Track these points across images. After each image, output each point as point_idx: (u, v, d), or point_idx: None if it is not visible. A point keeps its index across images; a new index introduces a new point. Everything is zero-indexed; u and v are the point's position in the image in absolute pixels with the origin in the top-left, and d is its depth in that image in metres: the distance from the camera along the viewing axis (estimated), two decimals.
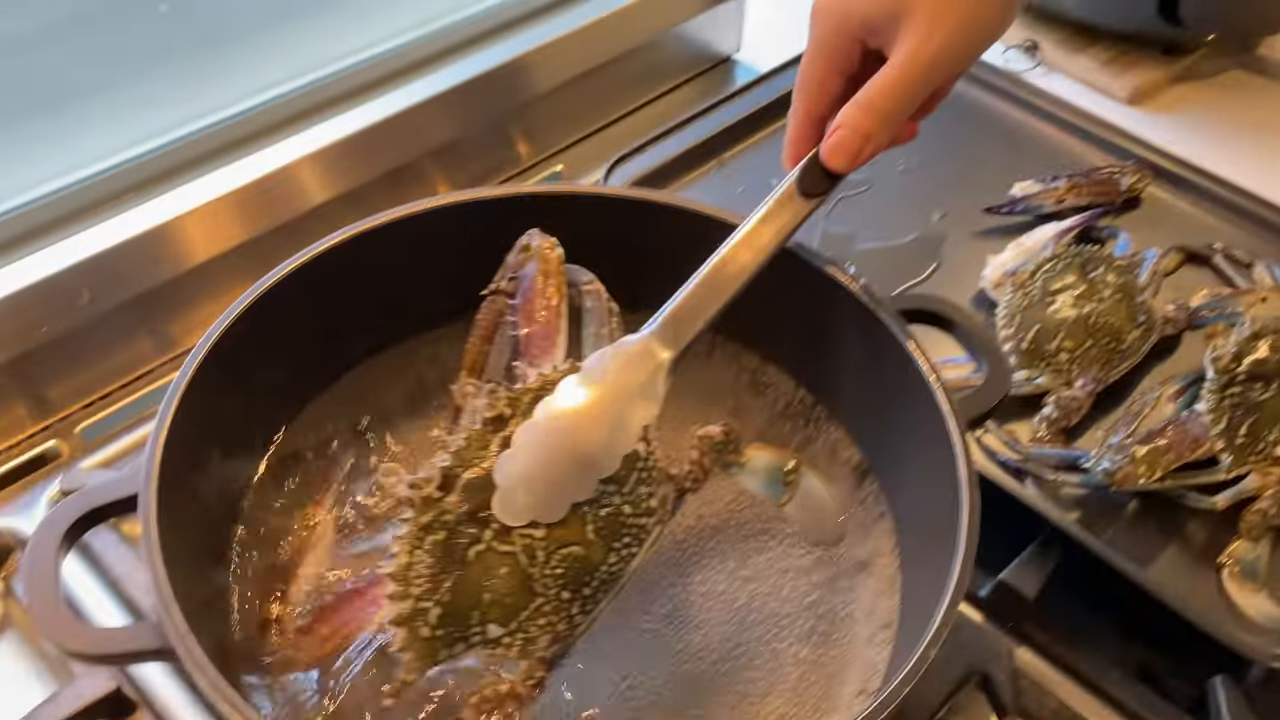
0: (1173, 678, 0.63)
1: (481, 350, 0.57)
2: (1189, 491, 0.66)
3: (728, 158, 0.91)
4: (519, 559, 0.46)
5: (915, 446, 0.54)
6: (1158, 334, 0.75)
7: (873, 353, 0.57)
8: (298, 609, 0.52)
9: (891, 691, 0.43)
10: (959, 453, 0.49)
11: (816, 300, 0.59)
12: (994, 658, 0.60)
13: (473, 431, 0.47)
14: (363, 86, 0.90)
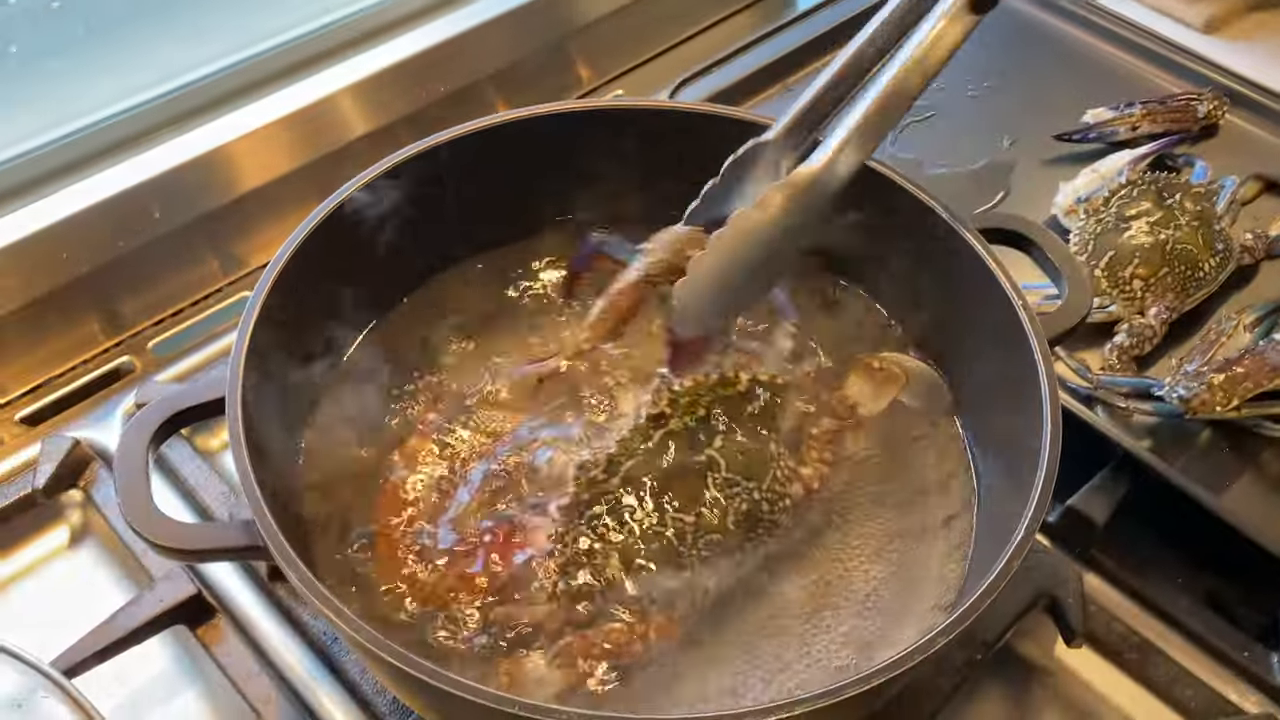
0: (1242, 606, 0.63)
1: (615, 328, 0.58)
2: (1265, 420, 0.65)
3: (792, 81, 0.89)
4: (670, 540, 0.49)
5: (995, 366, 0.54)
6: (1235, 263, 0.73)
7: (953, 272, 0.56)
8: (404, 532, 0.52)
9: (971, 605, 0.43)
10: (1042, 370, 0.48)
11: (897, 220, 0.58)
12: (1062, 582, 0.59)
13: (638, 425, 0.51)
14: (421, 10, 0.89)
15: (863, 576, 0.54)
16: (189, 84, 0.76)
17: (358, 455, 0.55)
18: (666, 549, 0.50)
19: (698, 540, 0.50)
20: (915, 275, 0.59)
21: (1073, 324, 0.53)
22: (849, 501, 0.56)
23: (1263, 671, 0.59)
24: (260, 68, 0.82)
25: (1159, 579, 0.63)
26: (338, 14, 0.85)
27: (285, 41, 0.83)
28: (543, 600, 0.49)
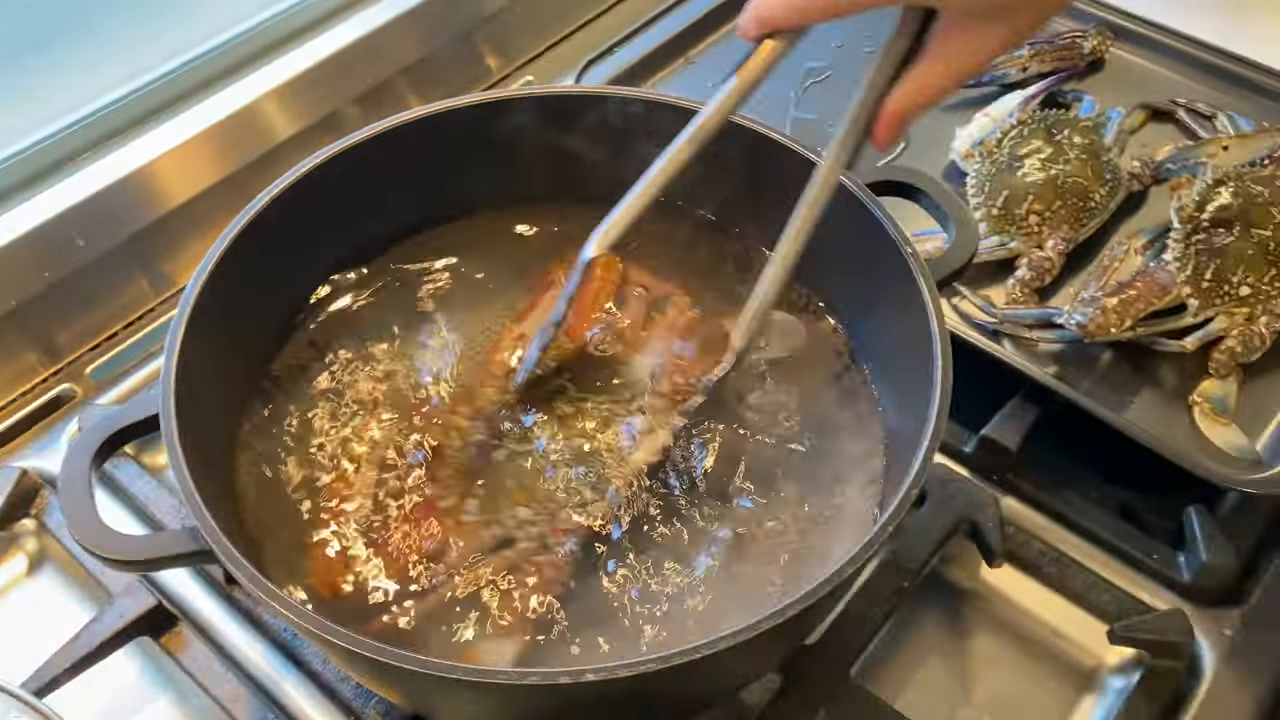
0: (1152, 514, 0.67)
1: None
2: (1159, 338, 0.69)
3: (694, 54, 0.92)
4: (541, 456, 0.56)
5: (892, 312, 0.57)
6: (1125, 190, 0.77)
7: (848, 226, 0.58)
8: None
9: (867, 543, 0.45)
10: (931, 311, 0.51)
11: (795, 183, 0.61)
12: (980, 508, 0.63)
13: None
14: (330, 13, 0.90)
15: (788, 518, 0.57)
16: (101, 109, 0.77)
17: (297, 456, 0.57)
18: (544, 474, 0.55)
19: (585, 466, 0.55)
20: (816, 235, 0.62)
21: (962, 263, 0.56)
22: (765, 451, 0.59)
23: (1171, 572, 0.63)
24: (174, 85, 0.83)
25: (1075, 496, 0.67)
26: (248, 24, 0.86)
27: (197, 56, 0.84)
28: (466, 560, 0.52)
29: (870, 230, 0.57)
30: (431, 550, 0.54)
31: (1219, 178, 0.73)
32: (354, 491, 0.55)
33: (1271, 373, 0.69)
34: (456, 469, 0.56)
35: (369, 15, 0.90)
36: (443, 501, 0.55)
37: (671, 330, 0.62)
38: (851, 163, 0.53)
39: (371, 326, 0.62)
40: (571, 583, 0.53)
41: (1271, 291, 0.69)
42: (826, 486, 0.58)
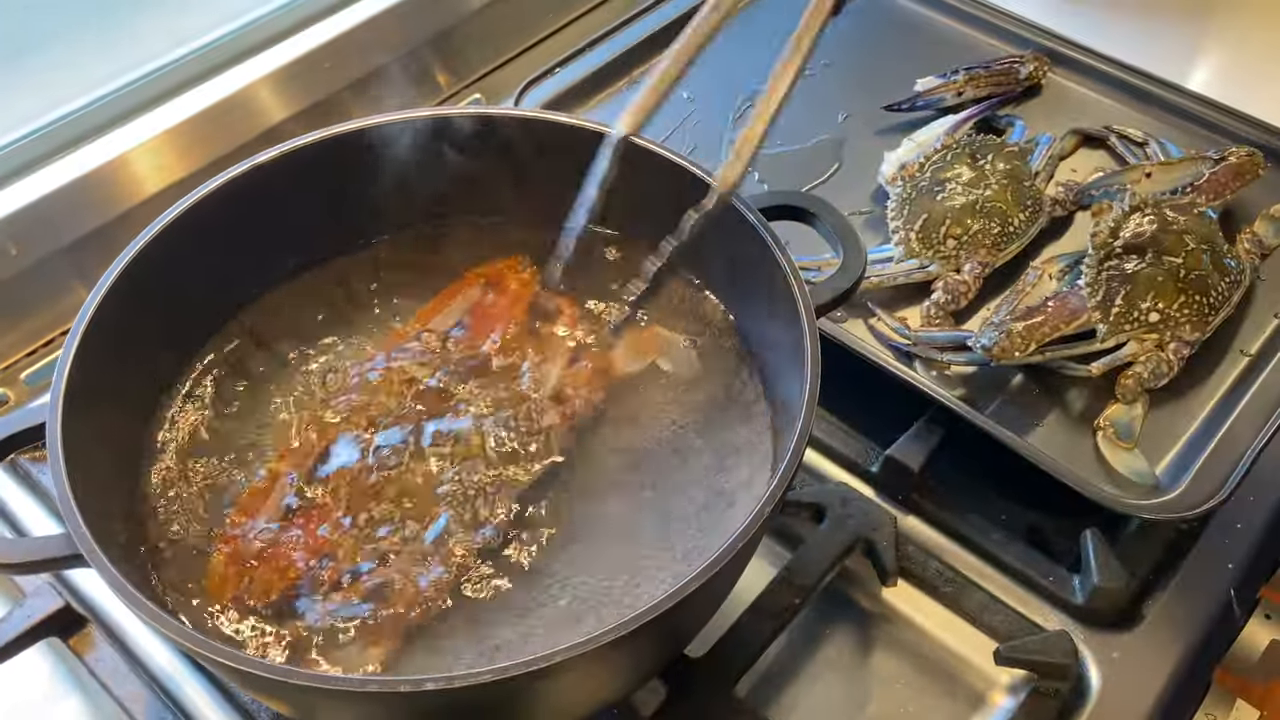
0: (1058, 536, 0.68)
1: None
2: (1067, 362, 0.70)
3: (638, 74, 0.93)
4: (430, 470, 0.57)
5: (781, 333, 0.58)
6: (1047, 215, 0.78)
7: (744, 249, 0.60)
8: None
9: (700, 572, 0.45)
10: (806, 333, 0.53)
11: (690, 198, 0.62)
12: (877, 526, 0.64)
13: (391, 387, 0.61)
14: (277, 33, 0.92)
15: (682, 528, 0.58)
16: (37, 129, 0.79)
17: (202, 467, 0.58)
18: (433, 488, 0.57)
19: (466, 472, 0.57)
20: (718, 255, 0.63)
21: (847, 287, 0.57)
22: (664, 466, 0.60)
23: (1066, 594, 0.64)
24: (114, 103, 0.85)
25: (979, 517, 0.67)
26: (193, 44, 0.88)
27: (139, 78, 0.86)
28: (352, 570, 0.54)
29: (760, 253, 0.58)
30: (320, 561, 0.55)
31: (1136, 205, 0.74)
32: (251, 502, 0.57)
33: (1177, 399, 0.70)
34: (350, 481, 0.57)
35: (316, 31, 0.91)
36: (335, 513, 0.56)
37: (565, 342, 0.63)
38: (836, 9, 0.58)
39: (277, 342, 0.64)
40: (460, 590, 0.55)
41: (1180, 318, 0.70)
42: (720, 501, 0.59)
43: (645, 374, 0.64)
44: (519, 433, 0.60)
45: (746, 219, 0.58)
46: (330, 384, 0.62)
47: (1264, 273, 0.77)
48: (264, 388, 0.63)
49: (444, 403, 0.60)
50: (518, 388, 0.62)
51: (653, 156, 0.61)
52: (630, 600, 0.55)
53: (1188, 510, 0.62)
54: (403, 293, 0.66)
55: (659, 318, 0.66)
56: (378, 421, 0.60)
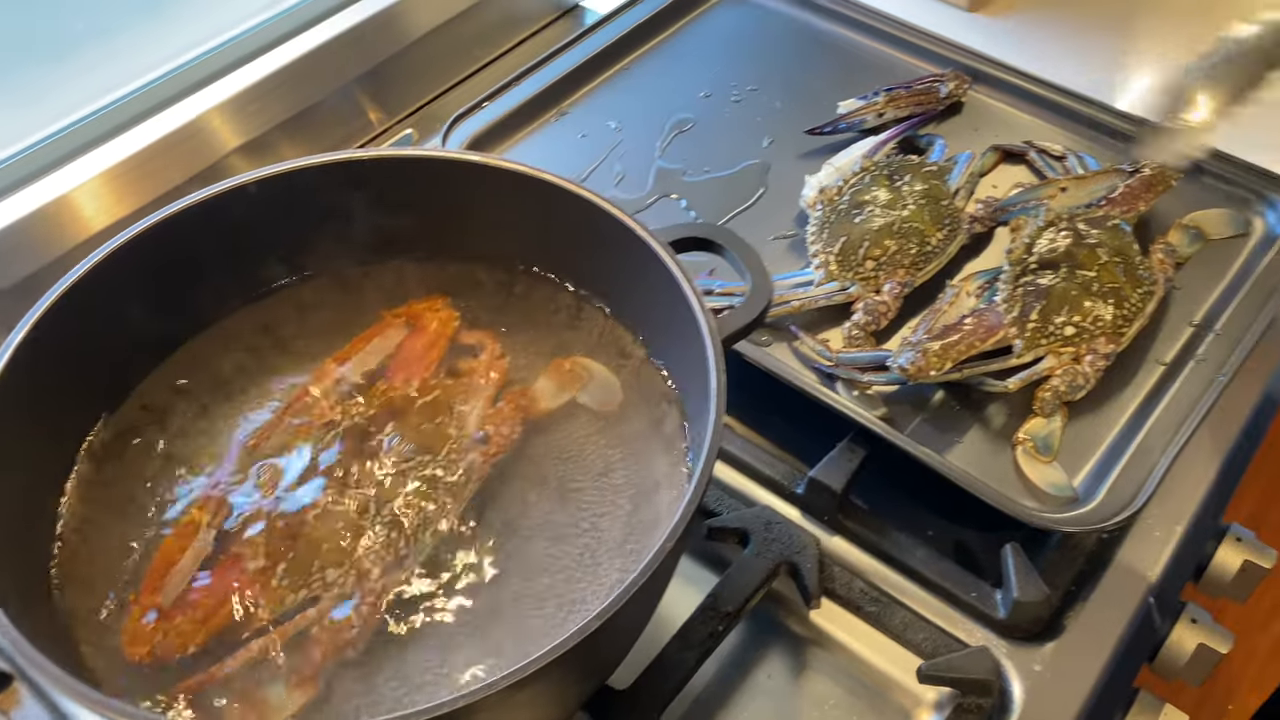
0: (984, 552, 0.69)
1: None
2: (985, 378, 0.71)
3: (567, 106, 0.94)
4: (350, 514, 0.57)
5: (696, 364, 0.58)
6: (966, 233, 0.79)
7: (656, 282, 0.60)
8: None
9: (600, 612, 0.46)
10: (711, 366, 0.53)
11: (612, 241, 0.63)
12: (801, 549, 0.65)
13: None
14: (207, 77, 0.92)
15: (609, 571, 0.58)
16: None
17: (118, 521, 0.58)
18: (355, 532, 0.57)
19: (387, 516, 0.58)
20: (634, 288, 0.64)
21: (754, 316, 0.58)
22: (588, 500, 0.61)
23: (988, 608, 0.64)
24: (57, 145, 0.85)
25: (904, 535, 0.68)
26: (117, 93, 0.89)
27: (71, 123, 0.86)
28: (264, 620, 0.54)
29: (670, 286, 0.58)
30: (239, 610, 0.55)
31: (1050, 220, 0.75)
32: (168, 554, 0.57)
33: (1095, 411, 0.71)
34: (268, 528, 0.58)
35: (247, 72, 0.92)
36: (252, 564, 0.56)
37: (486, 379, 0.64)
38: None
39: (198, 389, 0.64)
40: (383, 632, 0.55)
41: (1095, 331, 0.71)
42: (643, 532, 0.59)
43: (568, 409, 0.64)
44: (440, 473, 0.60)
45: (655, 252, 0.59)
46: (250, 429, 0.62)
47: (1179, 282, 0.78)
48: (184, 436, 0.63)
49: (364, 445, 0.61)
50: (439, 428, 0.62)
51: (570, 196, 0.62)
52: (558, 635, 0.55)
53: (1102, 521, 0.63)
54: (323, 336, 0.66)
55: (581, 352, 0.67)
56: (294, 467, 0.60)
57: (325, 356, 0.66)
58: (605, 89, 0.95)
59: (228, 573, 0.57)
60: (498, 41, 1.07)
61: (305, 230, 0.66)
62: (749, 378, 0.73)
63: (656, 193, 0.87)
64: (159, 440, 0.62)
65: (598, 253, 0.64)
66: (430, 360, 0.65)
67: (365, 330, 0.67)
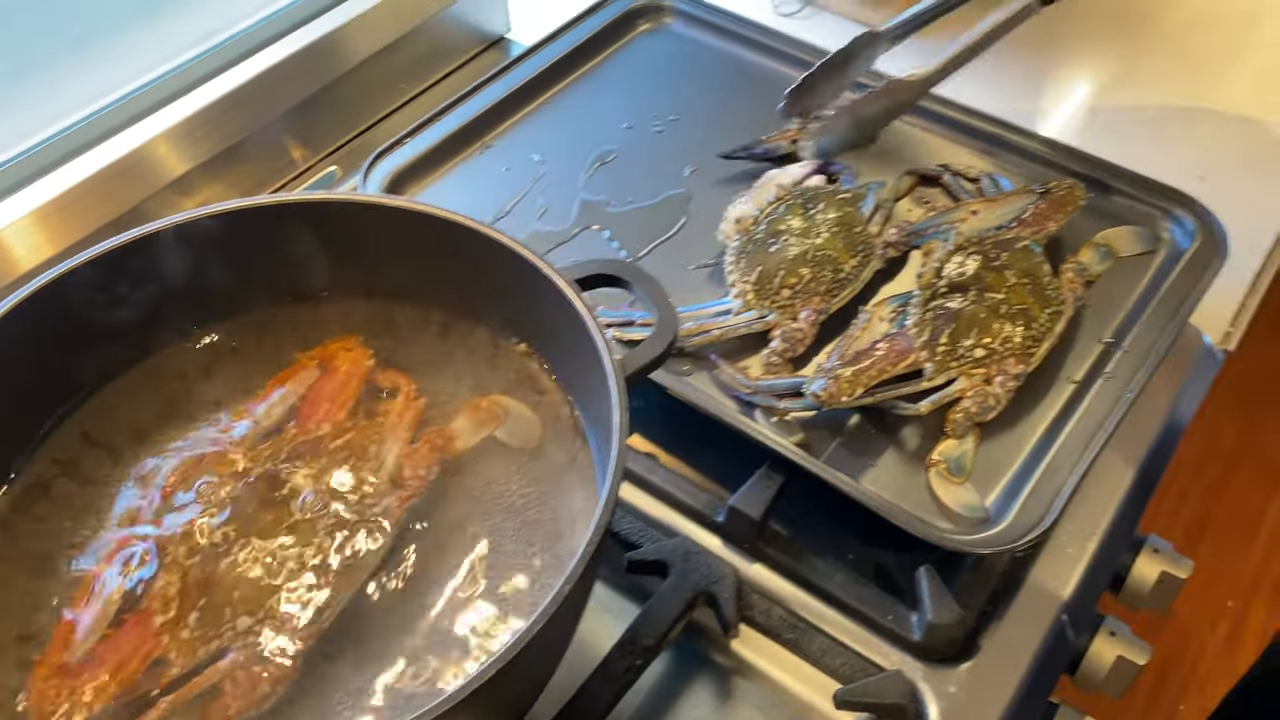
0: (903, 574, 0.69)
1: None
2: (898, 401, 0.72)
3: (491, 139, 0.95)
4: (263, 562, 0.57)
5: (605, 399, 0.59)
6: (879, 259, 0.80)
7: (564, 319, 0.61)
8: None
9: (498, 657, 0.46)
10: (615, 403, 0.54)
11: (523, 280, 0.63)
12: (719, 579, 0.65)
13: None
14: (133, 116, 0.92)
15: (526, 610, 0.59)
16: None
17: (16, 574, 0.58)
18: (269, 580, 0.57)
19: (300, 563, 0.57)
20: (545, 326, 0.64)
21: (660, 351, 0.59)
22: (505, 538, 0.61)
23: (905, 631, 0.65)
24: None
25: (823, 560, 0.69)
26: (47, 131, 0.88)
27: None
28: (176, 673, 0.53)
29: (576, 323, 0.59)
30: (149, 665, 0.54)
31: (960, 243, 0.77)
32: (73, 609, 0.56)
33: (1007, 431, 0.72)
34: (178, 579, 0.57)
35: (172, 111, 0.92)
36: (161, 616, 0.56)
37: (401, 420, 0.64)
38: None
39: (110, 440, 0.64)
40: (293, 686, 0.55)
41: (1004, 352, 0.72)
42: (559, 568, 0.59)
43: (486, 446, 0.65)
44: (355, 518, 0.60)
45: (561, 291, 0.60)
46: (161, 478, 0.62)
47: (1090, 299, 0.80)
48: (94, 486, 0.62)
49: (275, 491, 0.61)
50: (353, 471, 0.62)
51: (482, 238, 0.63)
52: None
53: (1012, 542, 0.64)
54: (237, 381, 0.66)
55: (498, 389, 0.67)
56: (207, 515, 0.60)
57: (239, 402, 0.66)
58: (529, 122, 0.96)
59: (138, 626, 0.56)
60: (424, 75, 1.07)
61: (216, 275, 0.66)
62: (672, 408, 0.74)
63: (580, 225, 0.87)
64: (69, 493, 0.62)
65: (509, 291, 0.64)
66: (343, 402, 0.65)
67: (279, 374, 0.67)
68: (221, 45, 0.97)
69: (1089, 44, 1.12)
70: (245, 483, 0.61)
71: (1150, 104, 1.05)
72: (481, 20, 1.09)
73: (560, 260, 0.83)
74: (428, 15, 1.03)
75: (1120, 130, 1.02)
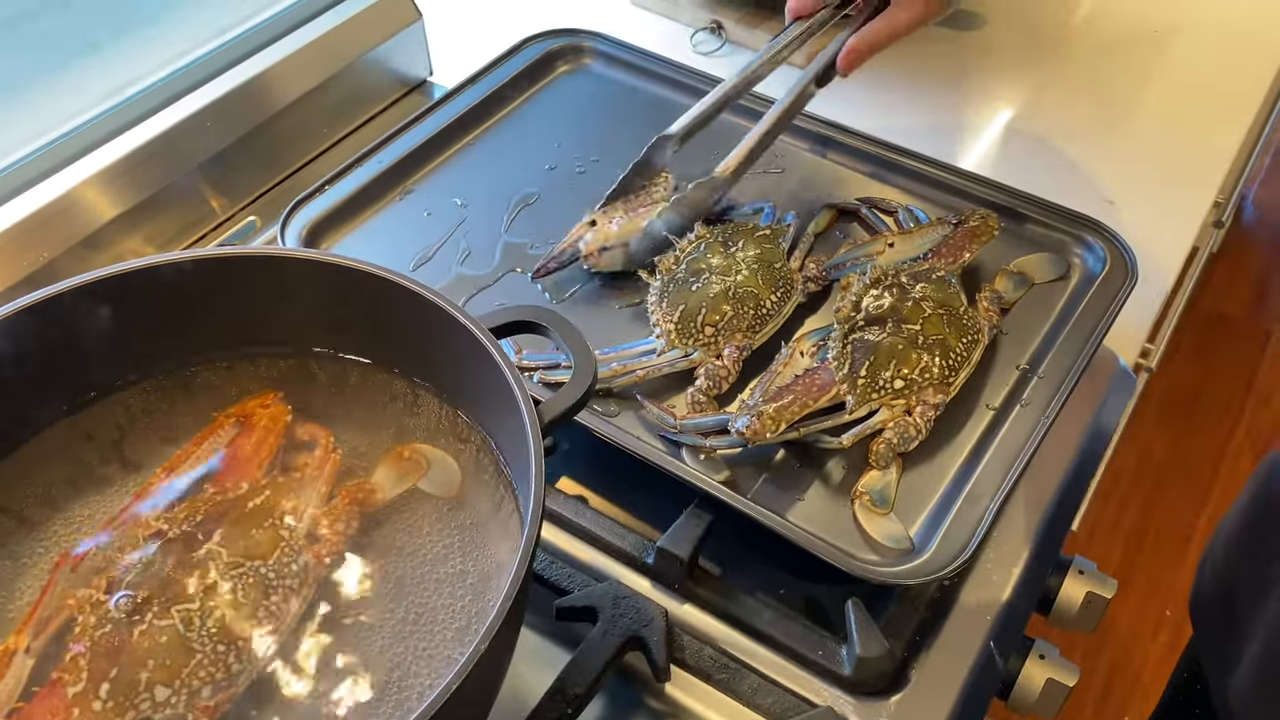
0: (834, 607, 0.70)
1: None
2: (821, 435, 0.73)
3: (411, 184, 0.94)
4: (178, 628, 0.56)
5: (524, 447, 0.59)
6: (800, 294, 0.81)
7: (482, 367, 0.61)
8: None
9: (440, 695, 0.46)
10: (531, 451, 0.54)
11: (439, 329, 0.63)
12: (646, 623, 0.65)
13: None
14: (39, 174, 0.90)
15: (447, 664, 0.58)
16: None
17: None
18: (184, 646, 0.56)
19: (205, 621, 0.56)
20: (466, 373, 0.64)
21: (578, 397, 0.59)
22: (427, 591, 0.60)
23: (835, 666, 0.66)
24: None
25: (752, 597, 0.69)
26: None
27: None
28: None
29: (493, 371, 0.59)
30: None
31: (876, 276, 0.78)
32: None
33: (929, 460, 0.73)
34: (92, 647, 0.56)
35: (82, 166, 0.90)
36: (73, 688, 0.54)
37: (320, 473, 0.63)
38: (820, 83, 0.90)
39: (20, 507, 0.62)
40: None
41: (923, 382, 0.73)
42: (484, 615, 0.59)
43: (408, 497, 0.64)
44: (273, 577, 0.59)
45: (478, 339, 0.59)
46: (73, 544, 0.61)
47: (1006, 327, 0.82)
48: (3, 557, 0.61)
49: (190, 554, 0.59)
50: (270, 530, 0.61)
51: (397, 288, 0.62)
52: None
53: (936, 572, 0.65)
54: (152, 442, 0.65)
55: (420, 438, 0.66)
56: (122, 580, 0.58)
57: (155, 463, 0.64)
58: (450, 165, 0.96)
59: (47, 700, 0.55)
60: (346, 120, 1.07)
61: (128, 335, 0.64)
62: (599, 450, 0.74)
63: (503, 268, 0.87)
64: None
65: (426, 340, 0.64)
66: (261, 459, 0.64)
67: (197, 434, 0.66)
68: (136, 96, 0.96)
69: (999, 75, 1.15)
70: (159, 547, 0.59)
71: (1060, 131, 1.08)
72: (403, 64, 1.09)
73: (484, 304, 0.84)
74: (350, 60, 1.03)
75: (1032, 159, 1.04)
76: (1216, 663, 0.78)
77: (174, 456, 0.64)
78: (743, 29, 1.17)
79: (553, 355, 0.78)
